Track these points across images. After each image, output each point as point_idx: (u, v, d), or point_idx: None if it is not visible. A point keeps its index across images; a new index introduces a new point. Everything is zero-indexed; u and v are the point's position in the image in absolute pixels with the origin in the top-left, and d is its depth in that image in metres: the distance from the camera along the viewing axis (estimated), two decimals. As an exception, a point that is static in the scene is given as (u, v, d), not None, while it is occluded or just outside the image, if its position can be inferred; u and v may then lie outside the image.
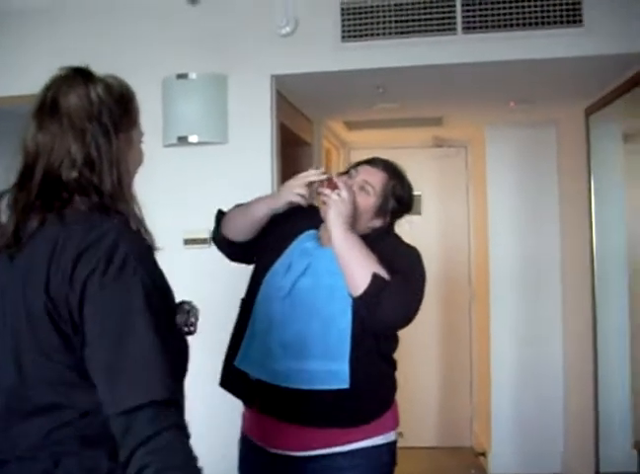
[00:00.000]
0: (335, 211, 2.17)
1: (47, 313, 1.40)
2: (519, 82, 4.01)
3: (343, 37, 3.60)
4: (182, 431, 1.37)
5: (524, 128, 5.37)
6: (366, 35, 3.58)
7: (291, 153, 4.50)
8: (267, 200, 2.38)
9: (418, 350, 5.77)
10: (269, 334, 2.25)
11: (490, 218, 5.48)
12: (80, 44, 3.77)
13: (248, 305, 2.34)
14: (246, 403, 2.35)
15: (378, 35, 3.57)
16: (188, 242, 3.69)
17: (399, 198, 2.32)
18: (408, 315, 2.16)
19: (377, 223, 2.32)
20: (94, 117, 1.52)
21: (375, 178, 2.30)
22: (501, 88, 4.17)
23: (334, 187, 2.22)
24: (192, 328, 1.79)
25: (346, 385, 2.14)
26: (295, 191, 2.28)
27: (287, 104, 4.14)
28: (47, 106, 1.53)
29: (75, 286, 1.39)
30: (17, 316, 1.44)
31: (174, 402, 1.38)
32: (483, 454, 5.59)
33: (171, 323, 1.53)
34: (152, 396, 1.34)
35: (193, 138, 3.63)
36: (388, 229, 2.39)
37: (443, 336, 6.15)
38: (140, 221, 1.62)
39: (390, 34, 3.56)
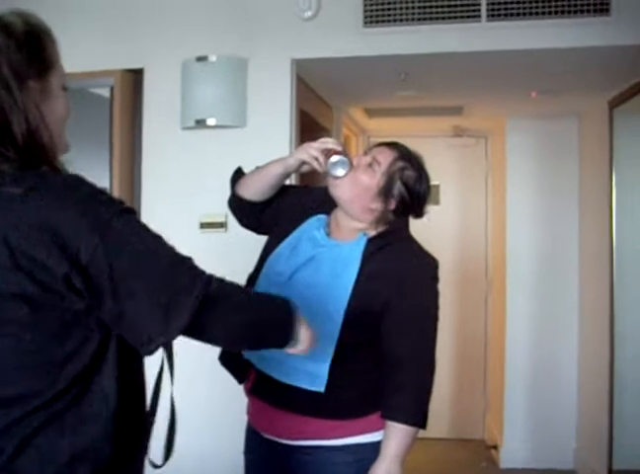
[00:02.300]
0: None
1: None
2: (542, 72, 3.95)
3: (365, 22, 3.56)
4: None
5: (546, 120, 5.31)
6: (389, 20, 3.54)
7: (310, 139, 4.41)
8: (281, 160, 2.34)
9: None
10: None
11: (508, 210, 5.43)
12: (100, 26, 3.76)
13: (252, 281, 2.32)
14: (238, 380, 2.33)
15: (401, 20, 3.53)
16: (204, 226, 3.67)
17: (406, 182, 2.20)
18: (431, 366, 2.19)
19: (378, 206, 2.21)
20: None
21: (384, 155, 2.22)
22: (523, 77, 4.11)
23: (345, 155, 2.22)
24: None
25: (321, 389, 2.10)
26: (310, 151, 2.24)
27: (307, 89, 4.10)
28: None
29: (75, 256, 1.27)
30: None
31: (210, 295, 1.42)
32: (495, 447, 5.56)
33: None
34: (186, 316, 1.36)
35: (211, 121, 3.60)
36: (401, 228, 2.30)
37: (458, 327, 6.12)
38: (57, 160, 1.42)
39: (413, 19, 3.51)
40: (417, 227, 2.37)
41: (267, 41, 3.67)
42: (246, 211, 2.45)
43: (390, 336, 2.15)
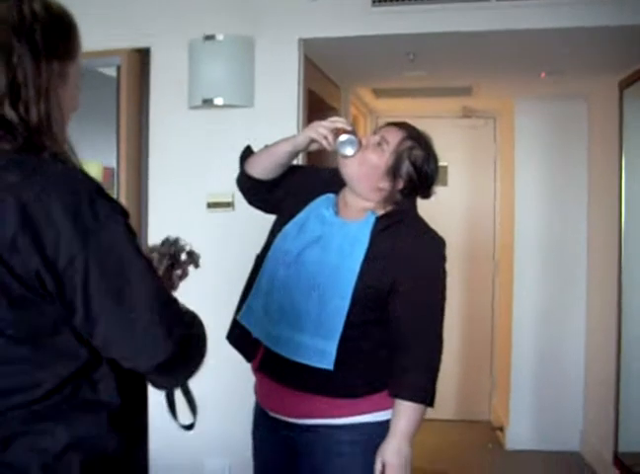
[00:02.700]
0: None
1: None
2: (551, 52, 3.92)
3: (373, 1, 3.53)
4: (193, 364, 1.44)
5: (555, 101, 5.28)
6: (397, -1, 3.51)
7: (318, 119, 4.40)
8: (290, 138, 2.35)
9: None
10: (270, 296, 2.23)
11: (517, 191, 5.41)
12: (106, 5, 3.74)
13: (260, 261, 2.33)
14: (247, 358, 2.34)
15: (409, 0, 3.50)
16: (211, 205, 3.67)
17: (414, 162, 2.21)
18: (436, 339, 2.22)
19: (386, 185, 2.22)
20: (24, 33, 1.29)
21: (393, 135, 2.24)
22: (533, 58, 4.08)
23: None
24: (181, 267, 1.77)
25: (330, 367, 2.11)
26: (320, 130, 2.24)
27: (315, 68, 4.08)
28: None
29: (45, 244, 1.22)
30: None
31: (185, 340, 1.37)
32: (501, 429, 5.57)
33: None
34: (168, 351, 1.32)
35: (218, 101, 3.59)
36: (409, 208, 2.30)
37: (465, 308, 6.11)
38: (74, 164, 1.38)
39: (422, -1, 3.48)
40: (425, 207, 2.36)
41: (274, 21, 3.65)
42: (254, 190, 2.45)
43: (398, 315, 2.16)
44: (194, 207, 3.69)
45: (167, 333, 1.31)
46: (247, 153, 2.50)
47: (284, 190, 2.40)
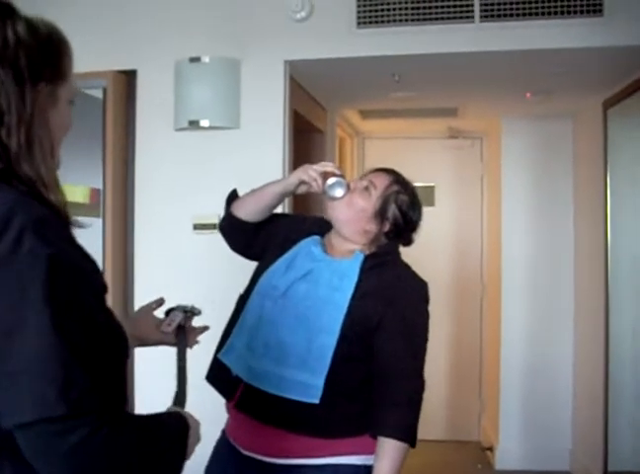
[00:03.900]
0: None
1: None
2: (536, 72, 3.95)
3: (358, 22, 3.55)
4: (95, 443, 1.16)
5: (541, 121, 5.31)
6: (382, 21, 3.53)
7: (304, 141, 4.47)
8: (280, 180, 2.41)
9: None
10: (256, 330, 2.22)
11: (503, 211, 5.43)
12: (92, 27, 3.75)
13: (244, 300, 2.33)
14: (225, 397, 2.30)
15: (394, 21, 3.52)
16: (197, 227, 3.66)
17: (400, 206, 2.28)
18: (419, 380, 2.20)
19: (372, 228, 2.26)
20: (7, 59, 1.24)
21: (380, 179, 2.30)
22: (518, 78, 4.11)
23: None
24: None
25: (316, 401, 2.09)
26: (310, 172, 2.28)
27: (301, 90, 4.09)
28: None
29: None
30: None
31: (85, 413, 1.15)
32: (490, 449, 5.56)
33: (94, 313, 1.25)
34: (50, 411, 1.12)
35: (204, 123, 3.59)
36: (394, 250, 2.33)
37: (453, 330, 6.10)
38: (54, 189, 1.29)
39: (406, 20, 3.50)
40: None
41: (259, 43, 3.66)
42: (240, 233, 2.45)
43: (382, 353, 2.16)
44: (180, 229, 3.68)
45: (57, 392, 1.13)
46: (233, 196, 2.50)
47: (268, 235, 2.41)
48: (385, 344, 2.15)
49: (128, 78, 3.78)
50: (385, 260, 2.28)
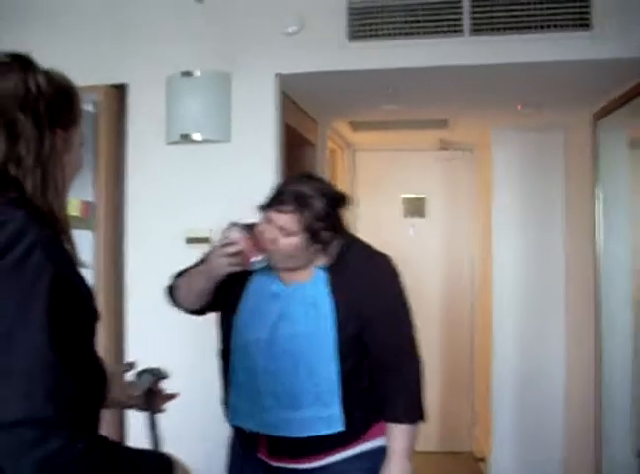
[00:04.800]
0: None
1: None
2: (526, 85, 3.97)
3: (350, 36, 3.57)
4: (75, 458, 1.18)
5: (531, 133, 5.33)
6: (373, 35, 3.55)
7: (295, 154, 4.48)
8: (205, 275, 2.26)
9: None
10: (256, 385, 2.22)
11: (494, 223, 5.43)
12: (84, 41, 3.76)
13: (226, 355, 2.31)
14: (250, 451, 2.34)
15: (385, 35, 3.54)
16: (190, 241, 3.66)
17: (319, 215, 2.17)
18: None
19: (316, 246, 2.21)
20: (28, 106, 1.36)
21: (288, 221, 2.17)
22: (508, 91, 4.14)
23: (259, 247, 2.16)
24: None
25: (341, 427, 2.18)
26: (228, 268, 2.18)
27: (292, 103, 4.10)
28: None
29: None
30: None
31: (69, 423, 1.18)
32: (483, 460, 5.56)
33: (84, 340, 1.33)
34: (37, 412, 1.15)
35: (196, 136, 3.60)
36: (348, 241, 2.31)
37: (445, 341, 6.11)
38: (65, 230, 1.40)
39: (397, 34, 3.52)
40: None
41: (251, 56, 3.67)
42: (196, 312, 2.42)
43: (374, 343, 2.22)
44: (172, 242, 3.68)
45: (46, 394, 1.17)
46: (170, 290, 2.44)
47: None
48: (375, 338, 2.22)
49: (120, 92, 3.78)
50: (345, 258, 2.25)
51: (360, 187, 6.20)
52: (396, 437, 2.22)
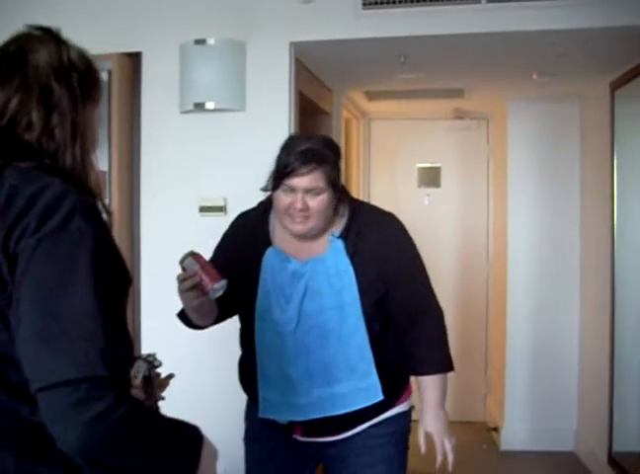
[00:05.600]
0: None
1: None
2: (543, 54, 3.92)
3: (364, 3, 3.53)
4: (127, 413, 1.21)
5: (547, 103, 5.29)
6: (388, 2, 3.51)
7: (310, 122, 4.45)
8: (198, 305, 2.18)
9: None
10: (287, 373, 2.21)
11: (510, 193, 5.41)
12: (97, 10, 3.74)
13: (248, 339, 2.28)
14: (285, 434, 2.34)
15: (400, 2, 3.50)
16: (203, 209, 3.66)
17: (335, 165, 2.20)
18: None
19: (335, 200, 2.22)
20: (63, 78, 1.38)
21: (313, 179, 2.14)
22: (524, 59, 4.08)
23: (213, 276, 2.08)
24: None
25: (380, 397, 2.21)
26: (195, 301, 2.13)
27: (307, 72, 4.08)
28: (12, 59, 1.38)
29: (9, 246, 1.23)
30: None
31: (117, 383, 1.21)
32: (495, 429, 5.58)
33: (122, 299, 1.35)
34: (91, 371, 1.17)
35: (209, 105, 3.58)
36: (354, 204, 2.31)
37: (459, 310, 6.10)
38: (101, 198, 1.41)
39: (412, 1, 3.48)
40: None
41: (265, 25, 3.64)
42: (222, 319, 2.39)
43: (397, 302, 2.25)
44: (186, 211, 3.69)
45: (100, 354, 1.19)
46: (187, 323, 2.37)
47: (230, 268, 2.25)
48: (397, 297, 2.24)
49: (133, 61, 3.77)
50: (357, 222, 2.25)
51: (376, 156, 6.18)
52: (428, 389, 2.30)
